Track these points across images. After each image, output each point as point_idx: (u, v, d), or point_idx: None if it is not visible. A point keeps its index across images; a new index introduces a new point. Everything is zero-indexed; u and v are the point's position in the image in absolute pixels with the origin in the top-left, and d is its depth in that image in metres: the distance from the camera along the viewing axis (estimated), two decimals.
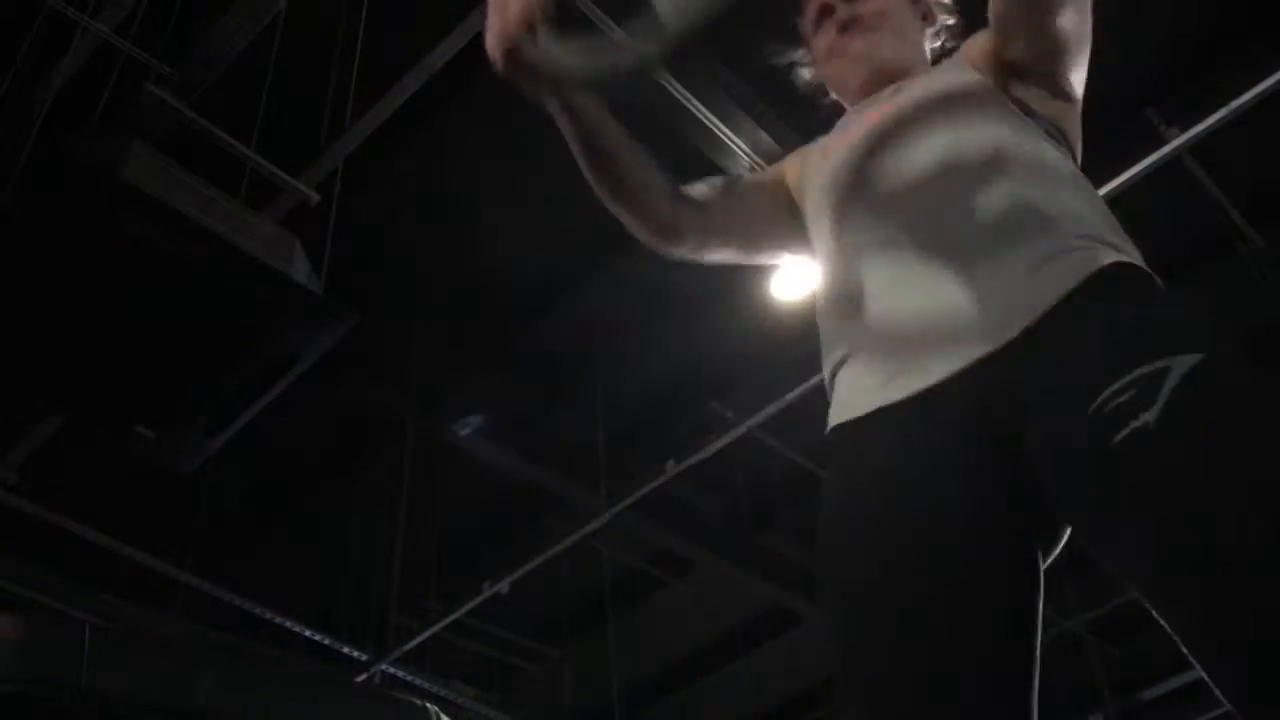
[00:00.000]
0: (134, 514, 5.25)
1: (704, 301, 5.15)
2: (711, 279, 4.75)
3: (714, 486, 5.97)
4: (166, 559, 5.24)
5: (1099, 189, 1.53)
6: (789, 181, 1.53)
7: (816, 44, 1.57)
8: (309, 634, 5.52)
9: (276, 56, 3.67)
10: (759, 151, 4.16)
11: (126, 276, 2.93)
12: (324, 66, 3.84)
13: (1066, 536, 1.16)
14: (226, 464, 4.25)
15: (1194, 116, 3.80)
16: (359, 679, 5.53)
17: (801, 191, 1.49)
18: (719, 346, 5.44)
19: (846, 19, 1.51)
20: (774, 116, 4.19)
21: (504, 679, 6.98)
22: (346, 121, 3.82)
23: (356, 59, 3.78)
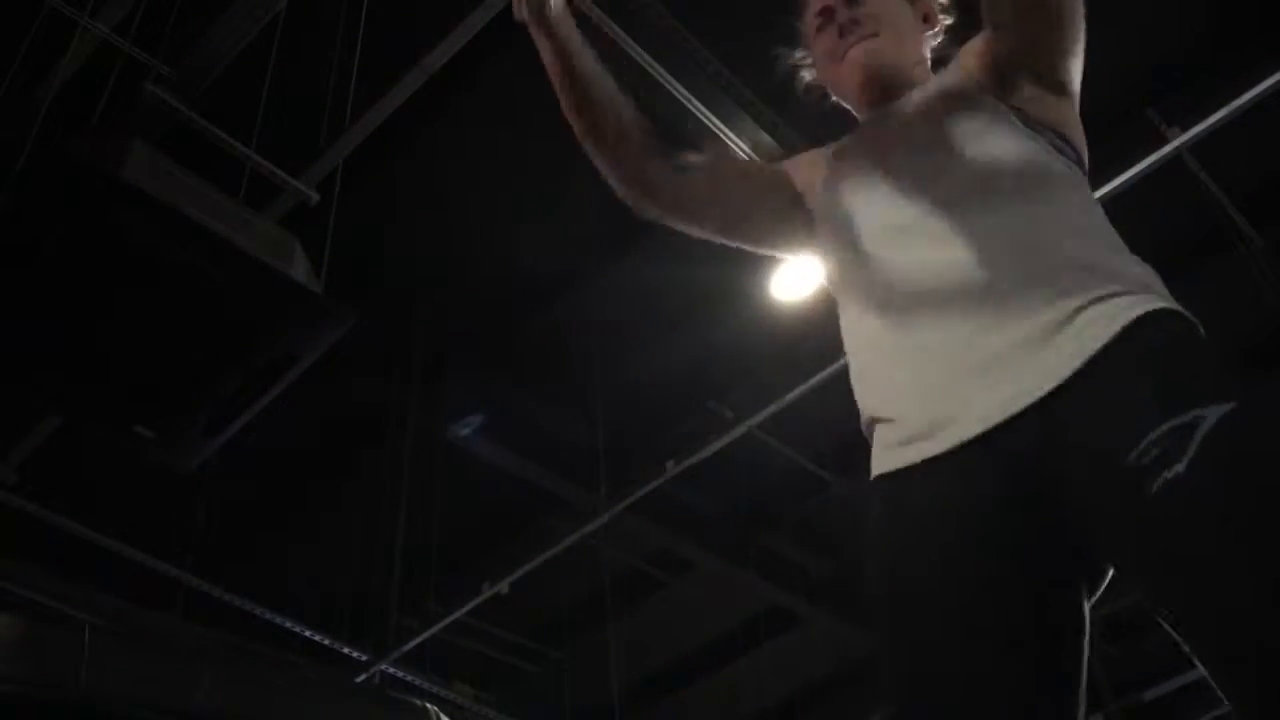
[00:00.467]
0: (134, 514, 5.25)
1: (704, 301, 5.15)
2: (711, 279, 4.75)
3: (714, 486, 5.97)
4: (166, 559, 5.24)
5: (1099, 189, 1.54)
6: (798, 184, 1.53)
7: (817, 46, 1.57)
8: (309, 634, 5.52)
9: (276, 56, 3.67)
10: (759, 151, 4.16)
11: (126, 276, 2.93)
12: (324, 66, 3.83)
13: (1110, 575, 1.18)
14: (226, 464, 4.25)
15: (1194, 116, 3.80)
16: (359, 679, 5.52)
17: (815, 206, 1.49)
18: (719, 346, 5.44)
19: (846, 21, 1.51)
20: (774, 116, 4.19)
21: (504, 679, 6.98)
22: (346, 121, 3.82)
23: (356, 59, 3.78)
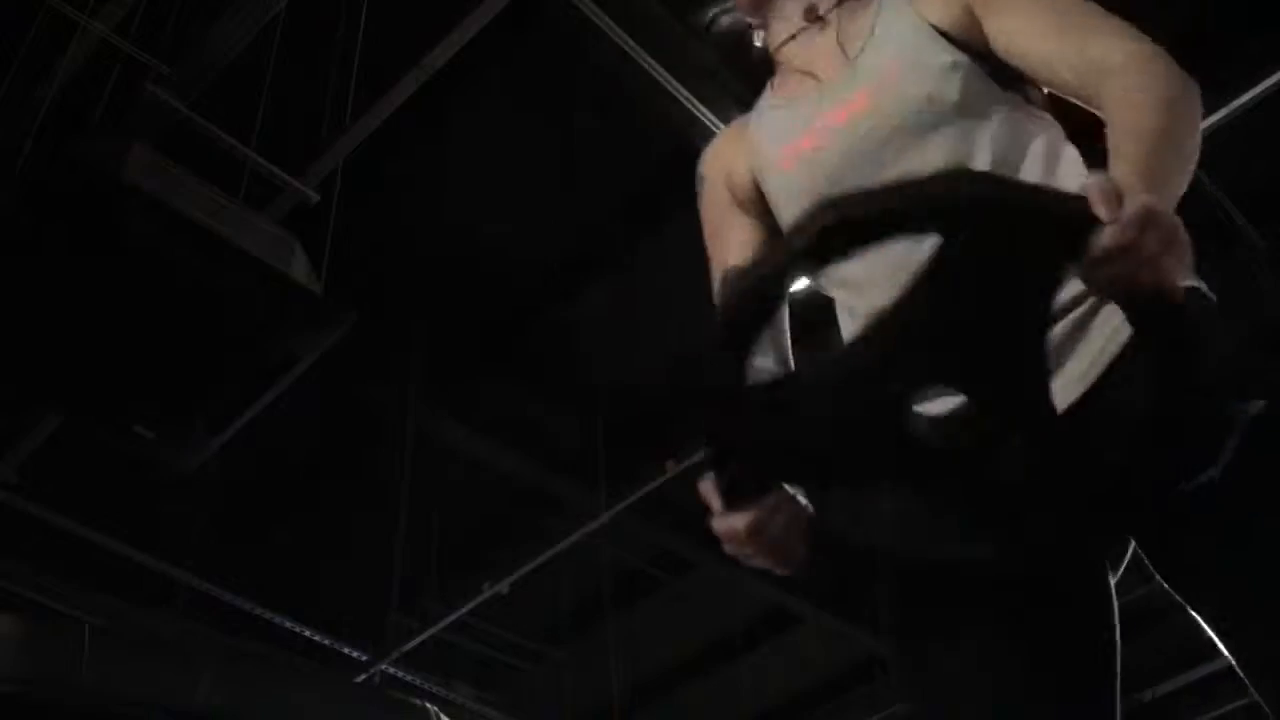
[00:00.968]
0: (134, 514, 5.25)
1: (704, 301, 5.14)
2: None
3: None
4: (166, 559, 5.24)
5: None
6: (744, 182, 1.39)
7: None
8: (309, 634, 5.52)
9: (276, 56, 3.67)
10: None
11: (127, 276, 2.93)
12: (324, 66, 3.83)
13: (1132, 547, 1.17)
14: (226, 464, 4.25)
15: None
16: (359, 679, 5.53)
17: (768, 187, 1.36)
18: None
19: None
20: None
21: (504, 679, 6.98)
22: (346, 121, 3.81)
23: (356, 59, 3.78)
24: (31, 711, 4.10)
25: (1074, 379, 1.11)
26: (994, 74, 1.22)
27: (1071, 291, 1.12)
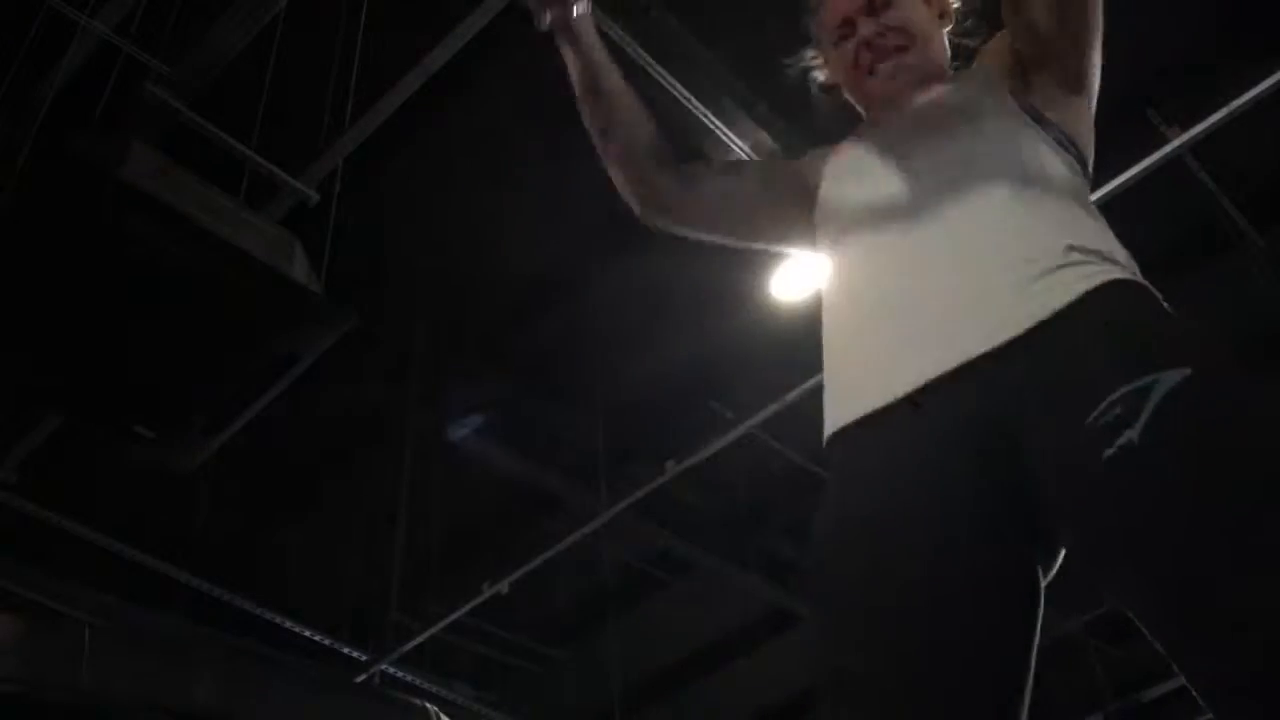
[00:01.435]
0: (134, 514, 5.25)
1: (704, 301, 5.15)
2: (712, 279, 4.75)
3: (714, 486, 5.97)
4: (166, 559, 5.24)
5: (1099, 189, 1.54)
6: (808, 181, 1.51)
7: (838, 55, 1.53)
8: (309, 634, 5.52)
9: (276, 56, 3.67)
10: (759, 152, 4.15)
11: (126, 276, 2.93)
12: (324, 66, 3.83)
13: (1063, 556, 1.17)
14: (226, 464, 4.25)
15: (1194, 116, 3.80)
16: (359, 679, 5.52)
17: (822, 195, 1.48)
18: (719, 346, 5.43)
19: (873, 36, 1.46)
20: (774, 116, 4.19)
21: (504, 679, 6.97)
22: (346, 121, 3.81)
23: (356, 59, 3.78)
24: (31, 711, 4.10)
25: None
26: (1045, 128, 1.35)
27: (1010, 265, 1.16)
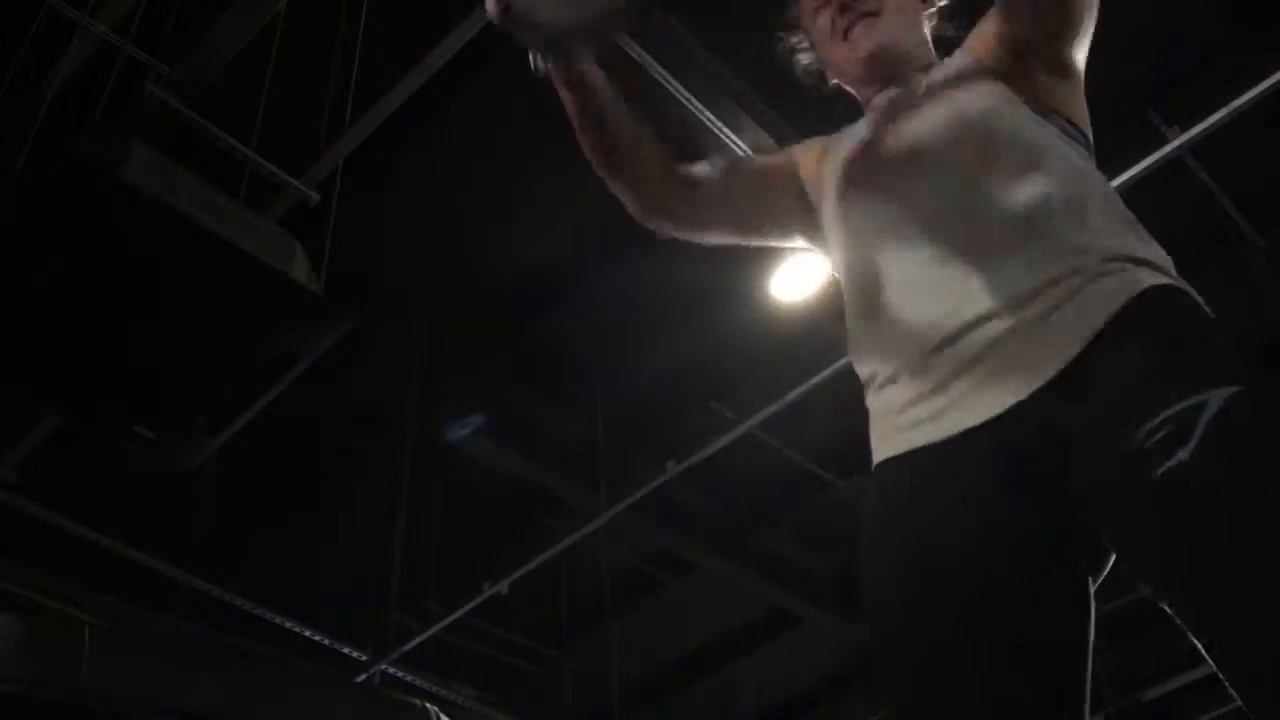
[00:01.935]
0: (134, 514, 5.25)
1: (704, 301, 5.15)
2: (712, 278, 4.75)
3: (714, 486, 5.97)
4: (166, 559, 5.24)
5: None
6: (804, 173, 1.51)
7: (816, 26, 1.54)
8: (309, 634, 5.52)
9: (276, 56, 3.67)
10: (759, 152, 4.16)
11: (126, 276, 2.93)
12: (324, 66, 3.83)
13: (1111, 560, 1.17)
14: (226, 464, 4.25)
15: (1194, 116, 3.80)
16: (359, 679, 5.52)
17: (819, 189, 1.48)
18: (719, 346, 5.43)
19: (847, 1, 1.49)
20: (774, 116, 4.19)
21: (504, 679, 6.98)
22: (346, 121, 3.81)
23: (356, 59, 3.78)
24: (31, 711, 4.10)
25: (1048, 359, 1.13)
26: (1032, 105, 1.33)
27: (1046, 274, 1.15)
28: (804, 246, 1.55)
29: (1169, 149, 3.82)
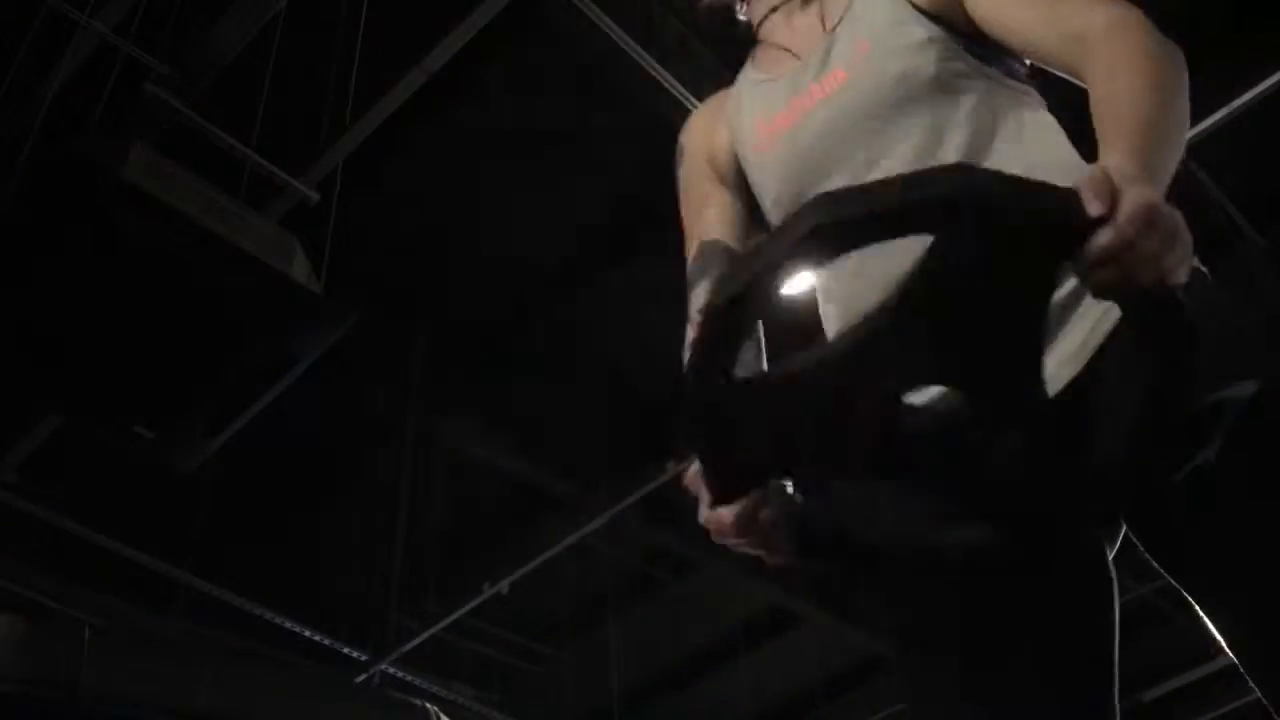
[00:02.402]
0: (134, 514, 5.25)
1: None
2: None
3: None
4: (166, 559, 5.24)
5: None
6: (723, 156, 1.37)
7: None
8: (309, 634, 5.52)
9: (276, 56, 3.67)
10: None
11: (126, 276, 2.93)
12: (324, 66, 3.83)
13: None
14: (226, 464, 4.25)
15: (1194, 116, 3.79)
16: (359, 679, 5.53)
17: (747, 163, 1.34)
18: None
19: None
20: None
21: (504, 679, 6.98)
22: (346, 121, 3.82)
23: (356, 59, 3.78)
24: (31, 711, 4.10)
25: (1065, 359, 1.09)
26: (973, 49, 1.20)
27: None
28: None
29: None
